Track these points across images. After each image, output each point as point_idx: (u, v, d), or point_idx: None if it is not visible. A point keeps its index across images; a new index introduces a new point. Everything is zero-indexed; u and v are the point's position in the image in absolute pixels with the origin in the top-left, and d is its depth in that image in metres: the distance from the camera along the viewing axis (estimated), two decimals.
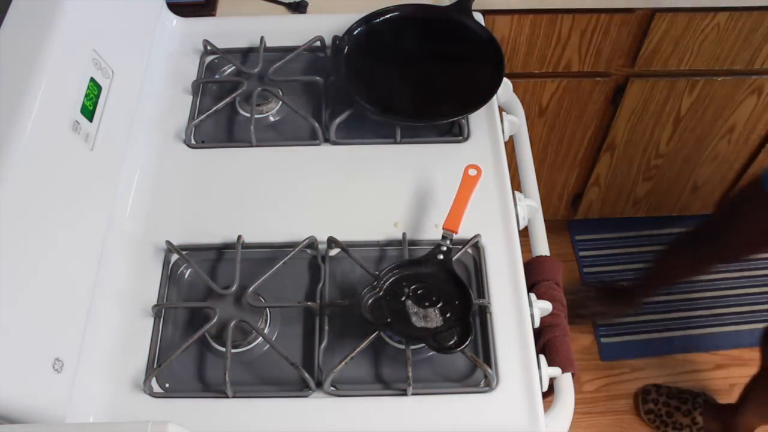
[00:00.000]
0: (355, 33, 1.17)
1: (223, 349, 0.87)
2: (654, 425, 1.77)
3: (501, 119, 1.10)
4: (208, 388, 0.88)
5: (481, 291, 0.94)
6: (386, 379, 0.88)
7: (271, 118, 1.13)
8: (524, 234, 1.01)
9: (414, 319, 0.86)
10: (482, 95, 1.09)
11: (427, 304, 0.87)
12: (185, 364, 0.90)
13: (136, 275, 0.95)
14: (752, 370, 1.84)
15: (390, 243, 0.98)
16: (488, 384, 0.86)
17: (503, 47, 1.15)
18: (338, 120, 1.08)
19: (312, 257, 0.98)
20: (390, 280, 0.90)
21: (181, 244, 0.97)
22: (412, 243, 0.97)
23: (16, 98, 0.78)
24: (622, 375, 1.82)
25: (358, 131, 1.10)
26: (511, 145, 1.12)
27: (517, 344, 0.89)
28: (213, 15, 1.26)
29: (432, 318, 0.86)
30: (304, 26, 1.21)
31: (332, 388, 0.86)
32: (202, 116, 1.10)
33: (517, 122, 1.12)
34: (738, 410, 1.67)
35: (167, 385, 0.88)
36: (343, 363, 0.85)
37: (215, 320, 0.89)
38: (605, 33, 1.38)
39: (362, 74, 1.12)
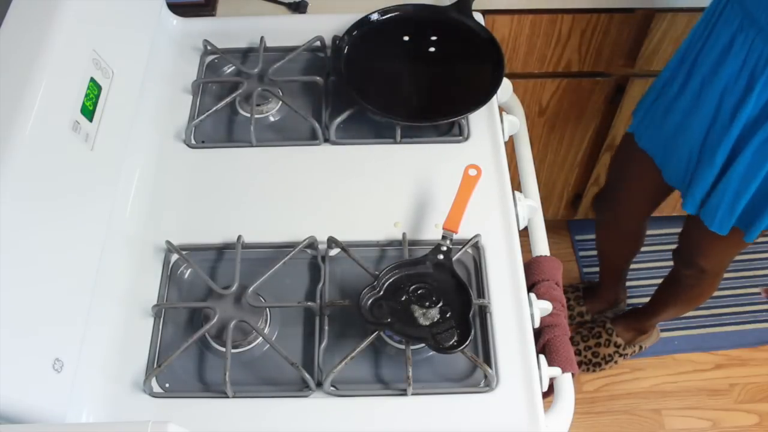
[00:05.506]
0: (355, 33, 1.17)
1: (223, 349, 0.87)
2: (589, 372, 1.82)
3: (501, 119, 1.10)
4: (208, 388, 0.88)
5: (481, 291, 0.94)
6: (386, 379, 0.88)
7: (271, 118, 1.13)
8: (524, 234, 1.00)
9: (414, 319, 0.86)
10: (482, 95, 1.09)
11: (427, 304, 0.87)
12: (185, 364, 0.90)
13: (136, 275, 0.95)
14: (752, 370, 1.84)
15: (390, 243, 0.98)
16: (488, 384, 0.86)
17: (503, 47, 1.15)
18: (338, 120, 1.08)
19: (312, 257, 0.98)
20: (390, 280, 0.90)
21: (181, 244, 0.97)
22: (412, 243, 0.97)
23: (16, 98, 0.78)
24: (622, 375, 1.82)
25: (358, 131, 1.10)
26: (511, 145, 1.12)
27: (517, 344, 0.89)
28: (213, 15, 1.26)
29: (432, 318, 0.86)
30: (304, 26, 1.21)
31: (332, 388, 0.86)
32: (202, 116, 1.10)
33: (517, 122, 1.12)
34: (654, 313, 1.72)
35: (167, 385, 0.88)
36: (343, 363, 0.85)
37: (215, 320, 0.89)
38: (605, 33, 1.38)
39: (362, 74, 1.12)
